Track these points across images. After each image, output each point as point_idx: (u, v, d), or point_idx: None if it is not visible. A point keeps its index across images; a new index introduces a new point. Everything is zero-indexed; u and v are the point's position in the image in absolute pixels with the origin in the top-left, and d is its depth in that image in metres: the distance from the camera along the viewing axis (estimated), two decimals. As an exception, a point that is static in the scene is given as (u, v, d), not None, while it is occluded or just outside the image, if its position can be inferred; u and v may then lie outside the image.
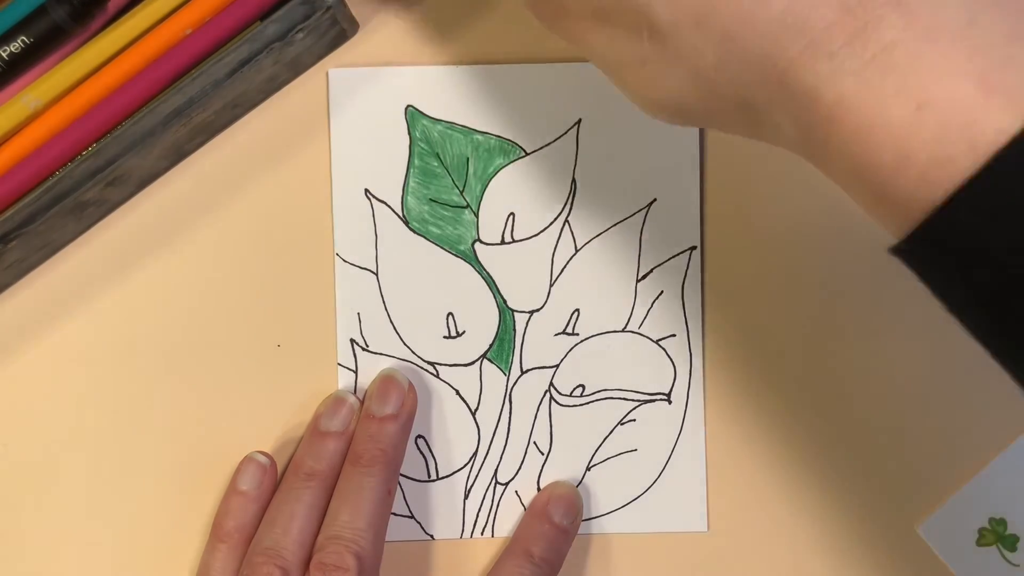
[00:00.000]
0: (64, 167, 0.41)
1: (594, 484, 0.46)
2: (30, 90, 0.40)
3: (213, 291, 0.45)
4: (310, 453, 0.43)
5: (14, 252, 0.42)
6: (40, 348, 0.45)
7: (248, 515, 0.43)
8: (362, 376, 0.45)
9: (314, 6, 0.40)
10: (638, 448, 0.46)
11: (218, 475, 0.44)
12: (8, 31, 0.40)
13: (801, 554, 0.45)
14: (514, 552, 0.44)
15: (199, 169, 0.45)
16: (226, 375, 0.45)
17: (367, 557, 0.41)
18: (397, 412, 0.43)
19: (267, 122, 0.45)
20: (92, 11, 0.41)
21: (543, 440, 0.46)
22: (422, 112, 0.45)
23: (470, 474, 0.46)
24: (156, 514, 0.45)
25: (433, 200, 0.45)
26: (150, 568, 0.45)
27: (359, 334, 0.45)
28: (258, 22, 0.41)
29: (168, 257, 0.45)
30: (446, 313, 0.45)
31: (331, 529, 0.41)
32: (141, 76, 0.40)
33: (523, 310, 0.45)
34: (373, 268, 0.45)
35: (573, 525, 0.45)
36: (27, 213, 0.40)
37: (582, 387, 0.45)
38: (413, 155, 0.45)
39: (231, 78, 0.41)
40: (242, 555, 0.42)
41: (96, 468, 0.45)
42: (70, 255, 0.45)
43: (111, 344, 0.45)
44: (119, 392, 0.45)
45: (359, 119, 0.45)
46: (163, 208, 0.45)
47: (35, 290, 0.45)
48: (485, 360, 0.45)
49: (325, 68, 0.45)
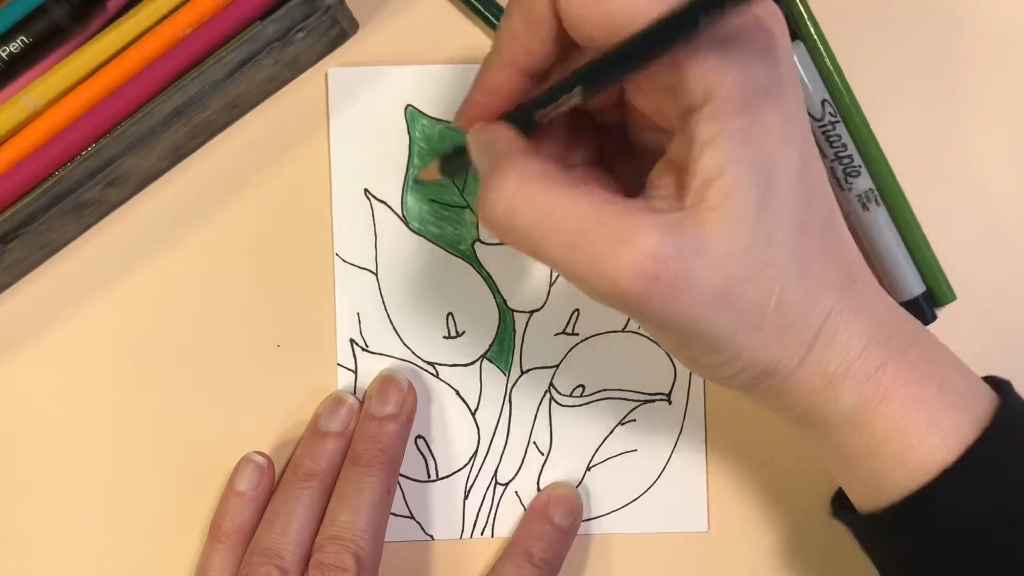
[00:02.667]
0: (64, 167, 0.41)
1: (594, 484, 0.46)
2: (30, 90, 0.40)
3: (213, 291, 0.45)
4: (309, 453, 0.43)
5: (14, 252, 0.42)
6: (40, 348, 0.45)
7: (246, 516, 0.43)
8: (362, 376, 0.45)
9: (314, 6, 0.40)
10: (638, 448, 0.46)
11: (218, 475, 0.44)
12: (8, 31, 0.40)
13: (801, 554, 0.45)
14: (514, 553, 0.44)
15: (199, 169, 0.45)
16: (226, 375, 0.45)
17: (366, 557, 0.41)
18: (397, 412, 0.43)
19: (267, 122, 0.45)
20: (92, 11, 0.41)
21: (543, 440, 0.45)
22: (422, 112, 0.45)
23: (470, 474, 0.45)
24: (155, 514, 0.45)
25: (433, 200, 0.45)
26: (149, 568, 0.45)
27: (359, 334, 0.45)
28: (258, 22, 0.41)
29: (168, 257, 0.45)
30: (446, 313, 0.45)
31: (330, 529, 0.41)
32: (141, 76, 0.40)
33: (523, 310, 0.45)
34: (373, 268, 0.45)
35: (573, 526, 0.45)
36: (27, 213, 0.40)
37: (582, 387, 0.45)
38: (413, 155, 0.45)
39: (231, 78, 0.41)
40: (240, 555, 0.42)
41: (95, 468, 0.45)
42: (70, 255, 0.45)
43: (111, 344, 0.45)
44: (119, 392, 0.45)
45: (359, 119, 0.45)
46: (163, 208, 0.45)
47: (35, 290, 0.45)
48: (485, 360, 0.45)
49: (325, 68, 0.45)
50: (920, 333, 0.36)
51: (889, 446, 0.35)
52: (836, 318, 0.34)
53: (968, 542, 0.35)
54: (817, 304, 0.34)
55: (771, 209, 0.32)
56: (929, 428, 0.34)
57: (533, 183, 0.32)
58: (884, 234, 0.44)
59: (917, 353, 0.35)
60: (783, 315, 0.33)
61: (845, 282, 0.34)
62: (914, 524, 0.35)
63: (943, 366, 0.36)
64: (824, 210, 0.34)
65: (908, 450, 0.35)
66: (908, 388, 0.35)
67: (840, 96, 0.44)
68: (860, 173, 0.44)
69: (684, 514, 0.45)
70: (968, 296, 0.45)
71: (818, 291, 0.33)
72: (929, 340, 0.36)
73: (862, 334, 0.34)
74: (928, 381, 0.35)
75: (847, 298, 0.34)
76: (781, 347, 0.34)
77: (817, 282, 0.33)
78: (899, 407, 0.34)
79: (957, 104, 0.45)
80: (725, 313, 0.32)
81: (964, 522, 0.35)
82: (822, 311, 0.34)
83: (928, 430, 0.34)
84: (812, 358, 0.34)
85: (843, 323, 0.34)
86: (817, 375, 0.34)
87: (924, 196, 0.45)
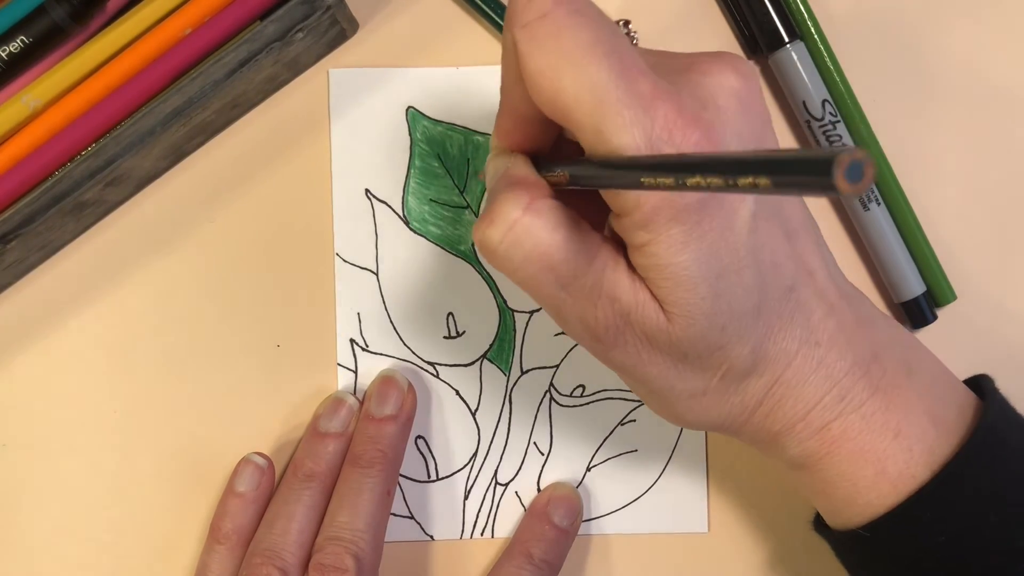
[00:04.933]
0: (63, 167, 0.41)
1: (594, 484, 0.46)
2: (29, 90, 0.40)
3: (213, 291, 0.45)
4: (309, 454, 0.43)
5: (14, 252, 0.41)
6: (40, 348, 0.45)
7: (246, 517, 0.43)
8: (362, 376, 0.45)
9: (314, 6, 0.40)
10: (638, 448, 0.46)
11: (217, 475, 0.44)
12: (8, 31, 0.40)
13: (800, 554, 0.45)
14: (514, 553, 0.44)
15: (199, 169, 0.45)
16: (226, 375, 0.45)
17: (366, 558, 0.41)
18: (396, 413, 0.43)
19: (267, 122, 0.45)
20: (91, 11, 0.41)
21: (543, 440, 0.45)
22: (423, 113, 0.45)
23: (470, 474, 0.45)
24: (154, 514, 0.45)
25: (434, 200, 0.45)
26: (149, 569, 0.45)
27: (359, 334, 0.45)
28: (258, 22, 0.41)
29: (168, 257, 0.45)
30: (446, 313, 0.45)
31: (330, 530, 0.41)
32: (140, 76, 0.40)
33: (523, 310, 0.45)
34: (373, 268, 0.45)
35: (573, 526, 0.45)
36: (27, 213, 0.40)
37: (582, 387, 0.45)
38: (414, 156, 0.45)
39: (231, 78, 0.41)
40: (240, 556, 0.42)
41: (95, 468, 0.45)
42: (70, 255, 0.45)
43: (111, 344, 0.45)
44: (118, 392, 0.45)
45: (360, 119, 0.45)
46: (163, 208, 0.45)
47: (35, 290, 0.45)
48: (485, 360, 0.45)
49: (325, 68, 0.45)
50: (888, 375, 0.36)
51: (837, 490, 0.36)
52: (781, 387, 0.35)
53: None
54: (763, 375, 0.35)
55: (722, 304, 0.32)
56: (877, 476, 0.35)
57: (539, 216, 0.32)
58: (884, 234, 0.44)
59: (875, 405, 0.35)
60: (727, 385, 0.35)
61: (802, 348, 0.35)
62: (865, 552, 0.37)
63: (905, 411, 0.36)
64: (783, 285, 0.34)
65: (855, 495, 0.36)
66: (856, 442, 0.35)
67: (840, 96, 0.44)
68: (860, 173, 0.44)
69: (684, 514, 0.45)
70: (968, 296, 0.45)
71: (765, 365, 0.35)
72: (897, 381, 0.36)
73: (809, 398, 0.35)
74: (883, 431, 0.35)
75: (799, 364, 0.35)
76: (724, 410, 0.36)
77: (767, 357, 0.34)
78: (845, 459, 0.36)
79: (957, 104, 0.45)
80: (676, 377, 0.34)
81: (906, 560, 0.36)
82: (766, 383, 0.35)
83: (876, 478, 0.35)
84: (756, 419, 0.36)
85: (789, 390, 0.35)
86: (762, 431, 0.36)
87: (924, 196, 0.45)
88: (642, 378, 0.35)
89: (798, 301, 0.35)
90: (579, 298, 0.33)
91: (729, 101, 0.32)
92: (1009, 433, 0.37)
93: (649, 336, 0.33)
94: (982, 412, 0.37)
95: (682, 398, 0.35)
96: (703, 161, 0.24)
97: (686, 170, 0.24)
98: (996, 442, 0.36)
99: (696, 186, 0.24)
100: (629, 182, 0.29)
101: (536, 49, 0.30)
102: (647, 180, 0.26)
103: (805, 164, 0.20)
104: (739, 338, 0.33)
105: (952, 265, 0.45)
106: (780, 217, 0.34)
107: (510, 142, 0.35)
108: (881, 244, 0.44)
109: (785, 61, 0.43)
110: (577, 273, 0.32)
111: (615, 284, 0.33)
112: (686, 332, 0.32)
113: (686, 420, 0.36)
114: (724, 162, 0.23)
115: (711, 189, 0.23)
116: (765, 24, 0.43)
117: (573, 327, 0.34)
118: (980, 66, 0.45)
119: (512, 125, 0.34)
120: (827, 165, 0.20)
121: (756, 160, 0.22)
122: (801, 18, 0.44)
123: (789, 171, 0.21)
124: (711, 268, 0.32)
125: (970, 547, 0.35)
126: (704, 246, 0.31)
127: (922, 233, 0.44)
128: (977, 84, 0.45)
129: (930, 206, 0.45)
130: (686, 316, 0.32)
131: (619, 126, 0.30)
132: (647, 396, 0.36)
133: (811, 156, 0.20)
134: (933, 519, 0.35)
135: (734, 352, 0.34)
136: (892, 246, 0.44)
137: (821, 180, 0.20)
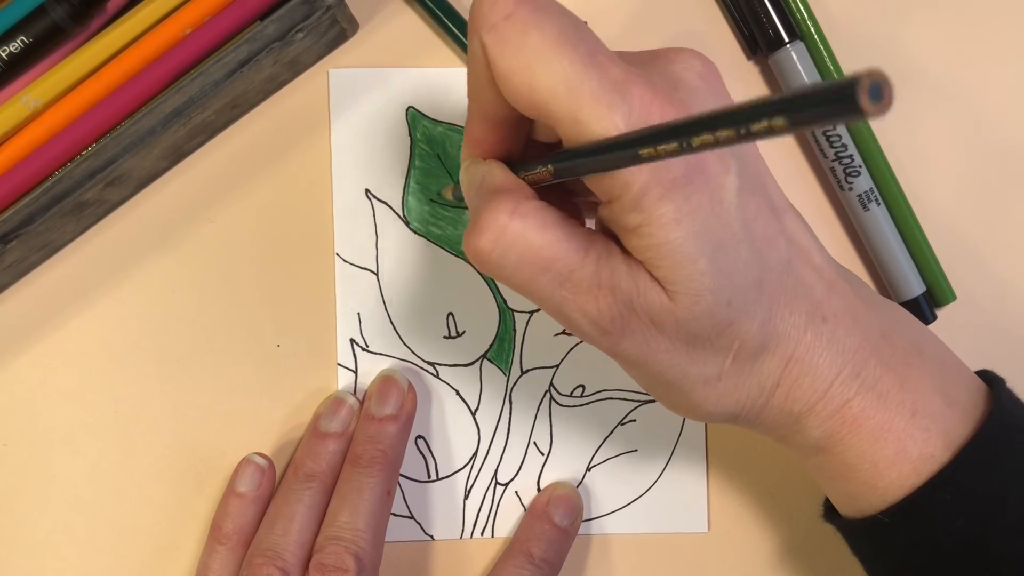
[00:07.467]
0: (63, 167, 0.41)
1: (594, 484, 0.46)
2: (30, 90, 0.40)
3: (213, 291, 0.45)
4: (310, 454, 0.43)
5: (14, 252, 0.41)
6: (40, 348, 0.45)
7: (247, 517, 0.43)
8: (362, 376, 0.45)
9: (314, 6, 0.40)
10: (638, 448, 0.46)
11: (218, 475, 0.44)
12: (8, 31, 0.40)
13: (801, 554, 0.45)
14: (514, 553, 0.44)
15: (199, 169, 0.45)
16: (226, 375, 0.45)
17: (366, 558, 0.41)
18: (397, 413, 0.43)
19: (267, 122, 0.45)
20: (91, 11, 0.41)
21: (543, 440, 0.45)
22: (423, 113, 0.45)
23: (470, 474, 0.45)
24: (155, 515, 0.45)
25: (434, 200, 0.45)
26: (149, 569, 0.45)
27: (359, 334, 0.45)
28: (258, 22, 0.41)
29: (168, 257, 0.45)
30: (446, 313, 0.45)
31: (330, 530, 0.41)
32: (140, 76, 0.40)
33: (523, 310, 0.45)
34: (373, 268, 0.45)
35: (573, 526, 0.45)
36: (27, 213, 0.40)
37: (582, 387, 0.45)
38: (414, 156, 0.45)
39: (231, 78, 0.41)
40: (241, 557, 0.42)
41: (95, 468, 0.45)
42: (70, 255, 0.45)
43: (111, 344, 0.45)
44: (118, 392, 0.45)
45: (360, 119, 0.45)
46: (163, 208, 0.45)
47: (35, 290, 0.45)
48: (485, 360, 0.45)
49: (325, 68, 0.45)
50: (899, 354, 0.36)
51: (858, 473, 0.36)
52: (797, 365, 0.35)
53: (929, 562, 0.36)
54: (775, 353, 0.35)
55: (723, 279, 0.32)
56: (897, 456, 0.35)
57: (526, 219, 0.32)
58: (884, 234, 0.44)
59: (890, 383, 0.35)
60: (741, 367, 0.34)
61: (810, 324, 0.35)
62: (882, 540, 0.37)
63: (919, 391, 0.36)
64: (780, 259, 0.34)
65: (876, 476, 0.36)
66: (876, 420, 0.35)
67: (840, 96, 0.44)
68: (860, 173, 0.44)
69: (684, 514, 0.46)
70: (968, 296, 0.45)
71: (776, 341, 0.34)
72: (908, 360, 0.36)
73: (826, 374, 0.35)
74: (899, 409, 0.35)
75: (811, 340, 0.35)
76: (742, 394, 0.35)
77: (777, 333, 0.34)
78: (866, 438, 0.35)
79: (957, 104, 0.45)
80: (688, 363, 0.34)
81: (927, 544, 0.36)
82: (780, 360, 0.35)
83: (896, 458, 0.35)
84: (775, 402, 0.36)
85: (805, 367, 0.35)
86: (783, 415, 0.36)
87: (924, 196, 0.45)
88: (654, 369, 0.34)
89: (798, 277, 0.35)
90: (579, 293, 0.33)
91: (697, 82, 0.33)
92: (1022, 416, 0.37)
93: (655, 320, 0.33)
94: (995, 394, 0.37)
95: (697, 385, 0.35)
96: (713, 115, 0.24)
97: (693, 129, 0.24)
98: (1012, 424, 0.36)
99: (704, 144, 0.24)
100: (625, 159, 0.29)
101: (506, 49, 0.31)
102: (646, 152, 0.26)
103: (827, 93, 0.21)
104: (745, 313, 0.33)
105: (952, 265, 0.45)
106: (765, 194, 0.34)
107: (482, 150, 0.35)
108: (881, 244, 0.44)
109: (785, 61, 0.43)
110: (573, 268, 0.32)
111: (613, 273, 0.33)
112: (691, 310, 0.32)
113: (704, 410, 0.36)
114: (735, 111, 0.23)
115: (722, 143, 0.23)
116: (765, 24, 0.44)
117: (578, 324, 0.34)
118: (980, 67, 0.45)
119: (483, 132, 0.35)
120: (851, 89, 0.20)
121: (773, 101, 0.22)
122: (801, 18, 0.44)
123: (810, 104, 0.21)
124: (708, 242, 0.32)
125: (989, 529, 0.35)
126: (698, 220, 0.31)
127: (922, 233, 0.45)
128: (977, 85, 0.45)
129: (930, 206, 0.45)
130: (690, 293, 0.32)
131: (598, 114, 0.30)
132: (662, 390, 0.36)
133: (833, 84, 0.21)
134: (954, 500, 0.35)
135: (743, 328, 0.33)
136: (892, 246, 0.44)
137: (845, 105, 0.20)
